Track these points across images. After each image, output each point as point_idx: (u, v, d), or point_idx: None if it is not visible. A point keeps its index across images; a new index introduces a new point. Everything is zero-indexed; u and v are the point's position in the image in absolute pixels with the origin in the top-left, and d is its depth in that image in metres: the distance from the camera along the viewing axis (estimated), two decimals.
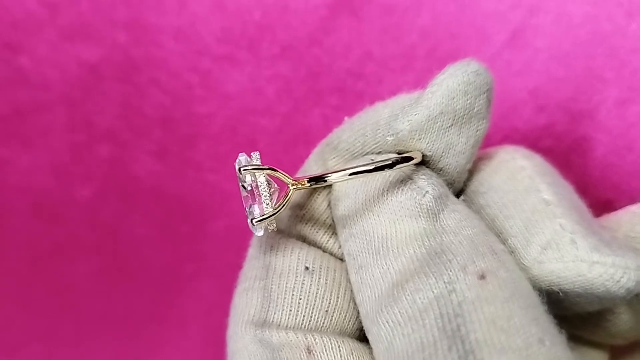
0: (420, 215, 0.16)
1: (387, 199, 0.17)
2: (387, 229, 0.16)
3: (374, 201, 0.17)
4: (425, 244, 0.15)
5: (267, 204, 0.17)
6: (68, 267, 0.29)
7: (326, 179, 0.16)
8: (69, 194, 0.29)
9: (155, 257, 0.29)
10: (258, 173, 0.17)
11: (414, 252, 0.15)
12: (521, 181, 0.17)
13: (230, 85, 0.27)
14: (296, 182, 0.17)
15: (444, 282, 0.14)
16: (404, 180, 0.17)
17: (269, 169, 0.17)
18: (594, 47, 0.24)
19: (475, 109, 0.17)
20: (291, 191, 0.17)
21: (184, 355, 0.30)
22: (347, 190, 0.18)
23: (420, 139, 0.17)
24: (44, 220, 0.29)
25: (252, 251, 0.19)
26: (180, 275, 0.30)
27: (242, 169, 0.17)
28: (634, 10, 0.24)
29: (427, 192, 0.16)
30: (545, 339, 0.14)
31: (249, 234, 0.22)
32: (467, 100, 0.16)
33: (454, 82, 0.16)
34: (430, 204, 0.16)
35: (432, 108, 0.16)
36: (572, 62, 0.24)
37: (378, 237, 0.16)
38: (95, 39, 0.27)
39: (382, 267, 0.16)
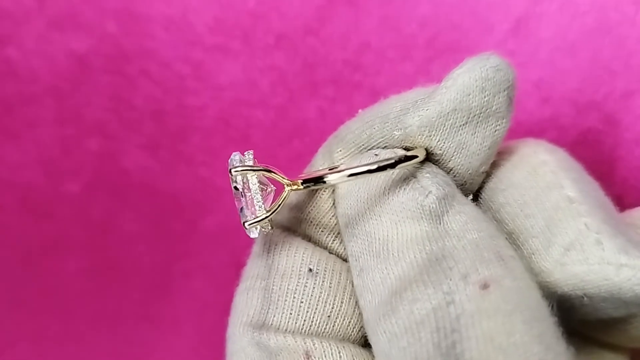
0: (422, 217, 0.15)
1: (389, 198, 0.16)
2: (388, 230, 0.15)
3: (375, 200, 0.16)
4: (427, 248, 0.15)
5: (260, 207, 0.16)
6: (57, 264, 0.29)
7: (324, 180, 0.16)
8: (58, 189, 0.28)
9: (147, 254, 0.29)
10: (250, 174, 0.16)
11: (414, 257, 0.15)
12: (543, 177, 0.16)
13: (223, 77, 0.26)
14: (291, 183, 0.16)
15: (443, 292, 0.14)
16: (407, 179, 0.16)
17: (263, 169, 0.16)
18: (601, 36, 0.23)
19: (494, 107, 0.16)
20: (286, 192, 0.16)
21: (176, 354, 0.30)
22: (350, 188, 0.17)
23: (430, 136, 0.16)
24: (32, 216, 0.28)
25: (256, 248, 0.18)
26: (172, 273, 0.29)
27: (233, 170, 0.16)
28: None
29: (430, 192, 0.15)
30: (547, 359, 0.13)
31: (243, 231, 0.21)
32: (484, 97, 0.15)
33: (470, 78, 0.15)
34: (433, 206, 0.15)
35: (444, 104, 0.16)
36: (577, 52, 0.24)
37: (379, 239, 0.15)
38: (84, 29, 0.26)
39: (382, 272, 0.15)
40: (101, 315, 0.29)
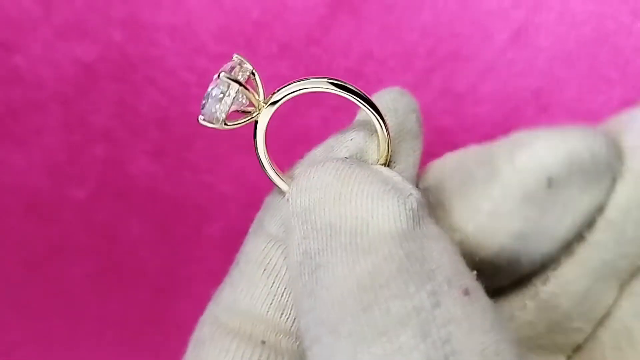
0: (401, 215, 0.14)
1: (364, 194, 0.15)
2: (358, 224, 0.14)
3: (347, 196, 0.15)
4: (404, 245, 0.13)
5: (223, 113, 0.16)
6: (63, 269, 0.29)
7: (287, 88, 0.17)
8: (64, 194, 0.28)
9: (151, 259, 0.29)
10: (233, 85, 0.16)
11: (389, 252, 0.13)
12: None
13: None
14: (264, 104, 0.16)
15: (427, 292, 0.12)
16: (386, 180, 0.15)
17: (244, 86, 0.16)
18: (598, 46, 0.24)
19: (408, 127, 0.17)
20: (256, 110, 0.16)
21: (180, 358, 0.30)
22: (315, 182, 0.16)
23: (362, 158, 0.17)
24: (39, 221, 0.29)
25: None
26: (176, 278, 0.29)
27: (222, 74, 0.16)
28: (639, 8, 0.23)
29: (411, 194, 0.15)
30: None
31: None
32: (398, 117, 0.16)
33: (382, 102, 0.16)
34: (414, 206, 0.14)
35: (366, 126, 0.16)
36: (575, 61, 0.24)
37: (346, 232, 0.14)
38: (91, 37, 0.27)
39: (348, 265, 0.13)
40: (106, 319, 0.30)
